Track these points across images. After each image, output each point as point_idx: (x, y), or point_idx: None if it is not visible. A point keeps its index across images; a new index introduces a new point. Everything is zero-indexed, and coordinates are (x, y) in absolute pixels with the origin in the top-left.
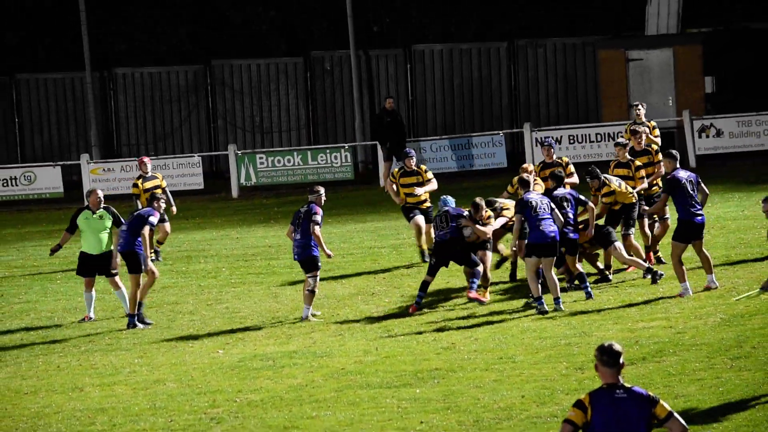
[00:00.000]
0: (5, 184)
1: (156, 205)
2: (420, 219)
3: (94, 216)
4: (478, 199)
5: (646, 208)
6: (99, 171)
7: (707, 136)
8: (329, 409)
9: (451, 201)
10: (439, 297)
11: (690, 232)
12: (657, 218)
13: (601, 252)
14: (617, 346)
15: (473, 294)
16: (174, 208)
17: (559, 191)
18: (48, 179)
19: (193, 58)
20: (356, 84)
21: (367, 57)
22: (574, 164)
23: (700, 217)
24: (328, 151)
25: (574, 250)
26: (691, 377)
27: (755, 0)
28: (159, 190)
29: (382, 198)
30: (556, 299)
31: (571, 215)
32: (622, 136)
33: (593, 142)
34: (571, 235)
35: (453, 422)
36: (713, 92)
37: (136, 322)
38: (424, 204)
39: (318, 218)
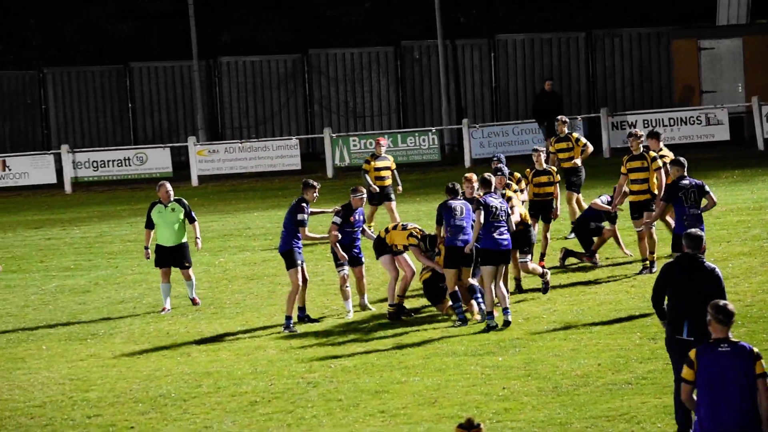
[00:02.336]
0: (119, 165)
1: (309, 193)
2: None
3: (167, 209)
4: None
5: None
6: (205, 152)
7: None
8: (417, 375)
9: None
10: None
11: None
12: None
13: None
14: (731, 306)
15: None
16: (400, 188)
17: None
18: (158, 160)
19: (292, 47)
20: (443, 72)
21: (454, 46)
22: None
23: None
24: (416, 134)
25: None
26: (759, 347)
27: None
28: (388, 172)
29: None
30: (505, 309)
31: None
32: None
33: (666, 126)
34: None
35: (533, 388)
36: None
37: (290, 325)
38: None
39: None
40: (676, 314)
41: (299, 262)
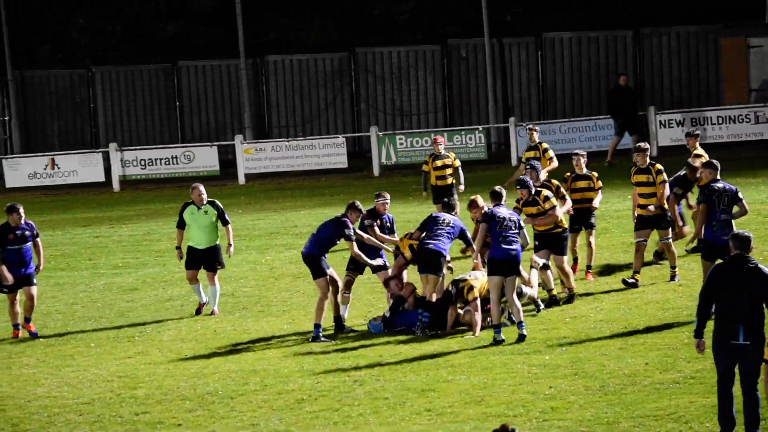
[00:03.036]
0: (167, 163)
1: (354, 215)
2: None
3: (199, 211)
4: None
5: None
6: (251, 151)
7: None
8: (464, 373)
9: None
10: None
11: (714, 252)
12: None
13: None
14: None
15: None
16: (462, 186)
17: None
18: (205, 158)
19: (339, 46)
20: (490, 70)
21: (500, 45)
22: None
23: (726, 237)
24: (463, 132)
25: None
26: None
27: None
28: (449, 170)
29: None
30: (519, 323)
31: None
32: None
33: (714, 124)
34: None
35: (580, 387)
36: None
37: (319, 336)
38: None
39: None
40: (727, 319)
41: (327, 270)
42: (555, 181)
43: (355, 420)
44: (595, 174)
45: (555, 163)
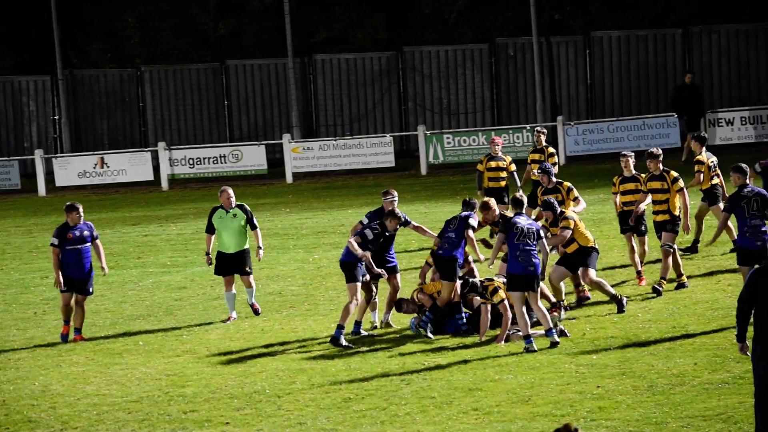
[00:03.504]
0: (215, 162)
1: (394, 222)
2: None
3: (228, 215)
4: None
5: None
6: (299, 150)
7: None
8: (511, 372)
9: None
10: (612, 274)
11: (750, 257)
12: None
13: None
14: None
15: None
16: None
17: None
18: (253, 157)
19: (387, 45)
20: (538, 69)
21: (548, 43)
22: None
23: (760, 242)
24: (510, 131)
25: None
26: None
27: None
28: (503, 173)
29: (561, 175)
30: (549, 331)
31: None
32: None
33: (765, 123)
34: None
35: (628, 387)
36: None
37: (340, 337)
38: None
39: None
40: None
41: (360, 277)
42: (567, 183)
43: (402, 419)
44: (644, 176)
45: (555, 170)
